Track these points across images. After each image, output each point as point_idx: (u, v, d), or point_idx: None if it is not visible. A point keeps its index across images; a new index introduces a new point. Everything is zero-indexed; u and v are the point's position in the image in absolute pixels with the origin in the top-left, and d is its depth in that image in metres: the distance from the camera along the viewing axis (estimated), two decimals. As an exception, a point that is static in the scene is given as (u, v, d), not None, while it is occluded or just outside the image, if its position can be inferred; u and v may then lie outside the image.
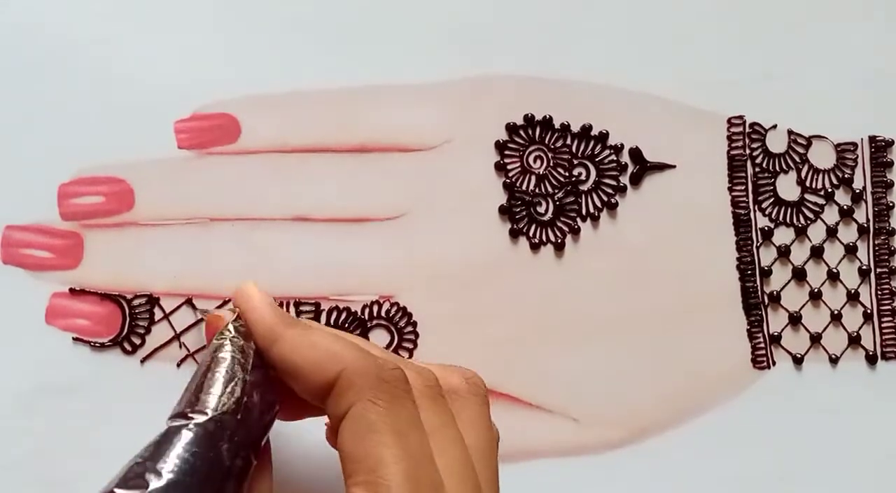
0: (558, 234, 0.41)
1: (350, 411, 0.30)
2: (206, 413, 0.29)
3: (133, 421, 0.31)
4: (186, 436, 0.28)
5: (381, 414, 0.29)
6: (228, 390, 0.30)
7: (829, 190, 0.43)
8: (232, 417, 0.29)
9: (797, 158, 0.43)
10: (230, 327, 0.32)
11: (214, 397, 0.30)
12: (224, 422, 0.29)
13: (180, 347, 0.39)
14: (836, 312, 0.42)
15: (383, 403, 0.30)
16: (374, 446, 0.29)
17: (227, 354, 0.31)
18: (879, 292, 0.43)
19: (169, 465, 0.28)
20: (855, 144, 0.43)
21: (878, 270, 0.43)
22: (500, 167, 0.41)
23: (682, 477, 0.41)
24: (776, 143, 0.43)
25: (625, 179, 0.42)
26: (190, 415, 0.29)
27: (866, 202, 0.43)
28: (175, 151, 0.40)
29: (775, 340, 0.42)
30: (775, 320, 0.42)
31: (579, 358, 0.41)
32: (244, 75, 0.40)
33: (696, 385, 0.41)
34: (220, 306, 0.39)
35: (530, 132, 0.42)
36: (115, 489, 0.27)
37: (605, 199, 0.42)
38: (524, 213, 0.41)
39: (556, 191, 0.42)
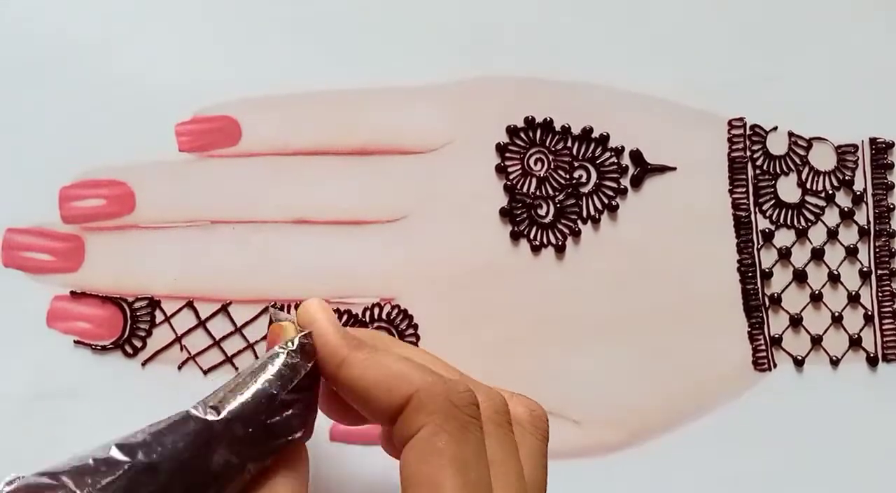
0: (559, 236, 0.41)
1: (418, 433, 0.29)
2: (219, 414, 0.29)
3: (134, 424, 0.30)
4: (188, 428, 0.29)
5: (448, 441, 0.29)
6: (254, 401, 0.30)
7: (830, 192, 0.43)
8: (243, 427, 0.29)
9: (798, 160, 0.43)
10: (296, 341, 0.31)
11: (236, 403, 0.29)
12: (232, 429, 0.29)
13: (181, 349, 0.39)
14: (836, 314, 0.42)
15: (452, 429, 0.29)
16: (437, 472, 0.28)
17: (275, 367, 0.30)
18: (880, 294, 0.43)
19: (160, 448, 0.28)
20: (855, 146, 0.43)
21: (879, 271, 0.43)
22: (501, 170, 0.41)
23: (682, 479, 0.41)
24: (777, 145, 0.43)
25: (625, 182, 0.42)
26: (207, 409, 0.29)
27: (867, 204, 0.43)
28: (176, 153, 0.40)
29: (776, 341, 0.42)
30: (776, 322, 0.42)
31: (580, 360, 0.41)
32: (245, 77, 0.40)
33: (696, 387, 0.41)
34: (291, 306, 0.38)
35: (531, 134, 0.42)
36: (113, 444, 0.28)
37: (606, 201, 0.42)
38: (525, 215, 0.41)
39: (557, 193, 0.42)
